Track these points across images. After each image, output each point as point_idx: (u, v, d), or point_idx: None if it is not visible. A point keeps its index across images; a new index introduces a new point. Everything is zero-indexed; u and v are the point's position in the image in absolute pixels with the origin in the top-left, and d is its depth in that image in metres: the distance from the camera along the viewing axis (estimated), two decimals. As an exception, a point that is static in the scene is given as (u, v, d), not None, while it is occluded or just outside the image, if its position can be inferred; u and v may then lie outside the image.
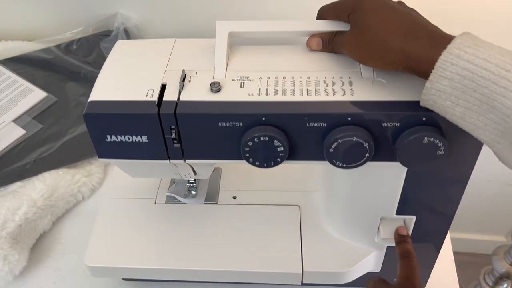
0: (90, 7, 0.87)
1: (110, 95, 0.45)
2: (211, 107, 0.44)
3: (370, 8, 0.43)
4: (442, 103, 0.39)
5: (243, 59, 0.49)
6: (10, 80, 0.85)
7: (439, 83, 0.38)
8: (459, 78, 0.37)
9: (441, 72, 0.37)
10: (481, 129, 0.38)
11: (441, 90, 0.38)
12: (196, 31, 0.86)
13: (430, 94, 0.39)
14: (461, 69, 0.37)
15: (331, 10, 0.48)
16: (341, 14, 0.46)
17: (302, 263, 0.58)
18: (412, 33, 0.41)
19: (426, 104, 0.40)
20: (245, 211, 0.63)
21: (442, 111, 0.40)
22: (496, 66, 0.36)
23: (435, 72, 0.38)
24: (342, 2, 0.47)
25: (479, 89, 0.37)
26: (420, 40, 0.40)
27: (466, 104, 0.38)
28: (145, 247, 0.60)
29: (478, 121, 0.38)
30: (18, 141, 0.76)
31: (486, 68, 0.36)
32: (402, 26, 0.41)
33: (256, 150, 0.44)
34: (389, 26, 0.42)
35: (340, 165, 0.45)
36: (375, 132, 0.44)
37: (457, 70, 0.37)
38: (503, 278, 0.97)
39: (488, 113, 0.37)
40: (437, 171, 0.48)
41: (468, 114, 0.38)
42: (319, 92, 0.45)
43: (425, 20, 0.43)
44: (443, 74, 0.37)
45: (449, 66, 0.37)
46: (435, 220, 0.55)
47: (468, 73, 0.37)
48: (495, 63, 0.36)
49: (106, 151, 0.47)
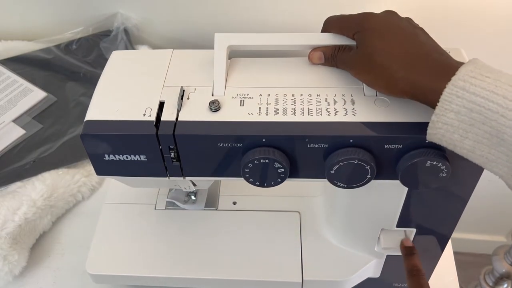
0: (90, 7, 0.86)
1: (107, 114, 0.44)
2: (210, 128, 0.43)
3: (376, 30, 0.42)
4: (450, 137, 0.38)
5: (242, 73, 0.48)
6: (10, 80, 0.84)
7: (445, 116, 0.37)
8: (466, 111, 0.36)
9: (447, 105, 0.36)
10: (493, 162, 0.37)
11: (448, 123, 0.37)
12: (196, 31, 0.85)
13: (437, 127, 0.38)
14: (467, 102, 0.36)
15: (336, 24, 0.47)
16: (346, 31, 0.45)
17: (302, 272, 0.58)
18: (418, 60, 0.40)
19: (433, 138, 0.39)
20: (245, 217, 0.63)
21: (450, 145, 0.38)
22: (503, 98, 0.34)
23: (440, 105, 0.37)
24: (348, 18, 0.45)
25: (487, 122, 0.35)
26: (426, 69, 0.39)
27: (475, 137, 0.37)
28: (146, 254, 0.60)
29: (490, 154, 0.37)
30: (18, 141, 0.76)
31: (493, 100, 0.35)
32: (408, 52, 0.40)
33: (256, 171, 0.44)
34: (396, 51, 0.41)
35: (342, 186, 0.45)
36: (377, 153, 0.43)
37: (463, 103, 0.36)
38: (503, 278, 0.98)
39: (499, 146, 0.36)
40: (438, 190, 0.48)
41: (479, 147, 0.37)
42: (320, 111, 0.44)
43: (431, 43, 0.42)
44: (448, 107, 0.36)
45: (454, 99, 0.36)
46: (435, 233, 0.54)
47: (475, 106, 0.35)
48: (503, 94, 0.35)
49: (104, 169, 0.47)
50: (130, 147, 0.44)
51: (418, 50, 0.40)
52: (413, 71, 0.39)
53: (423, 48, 0.41)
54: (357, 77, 0.44)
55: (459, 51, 0.47)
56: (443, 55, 0.40)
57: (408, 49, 0.41)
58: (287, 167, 0.43)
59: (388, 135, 0.42)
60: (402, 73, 0.40)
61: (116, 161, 0.45)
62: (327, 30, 0.47)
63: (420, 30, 0.44)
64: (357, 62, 0.44)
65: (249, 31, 0.82)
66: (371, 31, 0.42)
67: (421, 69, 0.39)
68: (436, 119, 0.37)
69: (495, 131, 0.35)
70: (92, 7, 0.86)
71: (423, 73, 0.39)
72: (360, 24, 0.44)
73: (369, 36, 0.42)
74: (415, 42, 0.41)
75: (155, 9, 0.84)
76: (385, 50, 0.41)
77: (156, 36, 0.89)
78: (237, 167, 0.45)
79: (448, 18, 0.77)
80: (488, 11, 0.75)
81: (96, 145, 0.44)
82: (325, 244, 0.61)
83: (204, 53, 0.50)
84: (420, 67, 0.39)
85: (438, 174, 0.43)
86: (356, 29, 0.44)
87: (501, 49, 0.81)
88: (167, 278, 0.59)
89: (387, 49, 0.41)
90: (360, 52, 0.43)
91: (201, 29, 0.84)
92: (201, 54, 0.50)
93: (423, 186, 0.44)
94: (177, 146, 0.44)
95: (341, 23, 0.46)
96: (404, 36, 0.41)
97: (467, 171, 0.45)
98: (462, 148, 0.38)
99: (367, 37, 0.42)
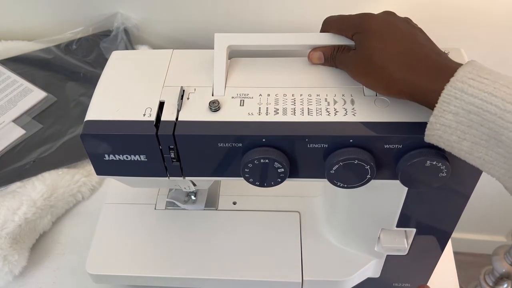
0: (90, 7, 0.86)
1: (107, 114, 0.44)
2: (210, 128, 0.43)
3: (375, 31, 0.42)
4: (448, 138, 0.38)
5: (242, 73, 0.48)
6: (10, 80, 0.84)
7: (443, 117, 0.37)
8: (464, 112, 0.36)
9: (445, 106, 0.36)
10: (490, 164, 0.37)
11: (446, 124, 0.37)
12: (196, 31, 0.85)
13: (435, 129, 0.38)
14: (465, 104, 0.36)
15: (335, 24, 0.47)
16: (345, 31, 0.45)
17: (302, 272, 0.58)
18: (417, 61, 0.40)
19: (431, 139, 0.39)
20: (245, 217, 0.63)
21: (448, 146, 0.38)
22: (502, 100, 0.35)
23: (439, 106, 0.37)
24: (347, 19, 0.45)
25: (485, 123, 0.36)
26: (424, 70, 0.39)
27: (473, 138, 0.37)
28: (146, 254, 0.60)
29: (487, 155, 0.37)
30: (18, 141, 0.76)
31: (491, 102, 0.35)
32: (407, 53, 0.40)
33: (256, 171, 0.44)
34: (394, 53, 0.41)
35: (341, 185, 0.45)
36: (376, 153, 0.43)
37: (462, 105, 0.36)
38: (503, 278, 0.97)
39: (496, 148, 0.36)
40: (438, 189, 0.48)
41: (476, 149, 0.37)
42: (320, 111, 0.44)
43: (429, 44, 0.42)
44: (447, 108, 0.36)
45: (453, 100, 0.36)
46: (435, 233, 0.54)
47: (474, 108, 0.36)
48: (501, 97, 0.35)
49: (104, 169, 0.47)
50: (130, 147, 0.44)
51: (416, 51, 0.41)
52: (412, 72, 0.39)
53: (421, 49, 0.41)
54: (356, 79, 0.44)
55: (459, 51, 0.47)
56: (441, 56, 0.40)
57: (407, 50, 0.41)
58: (287, 167, 0.43)
59: (388, 135, 0.42)
60: (400, 74, 0.40)
61: (116, 161, 0.45)
62: (326, 30, 0.47)
63: (418, 30, 0.44)
64: (356, 63, 0.44)
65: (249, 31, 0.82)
66: (370, 33, 0.42)
67: (420, 71, 0.39)
68: (434, 120, 0.38)
69: (493, 132, 0.36)
70: (92, 7, 0.86)
71: (421, 74, 0.39)
72: (359, 25, 0.44)
73: (368, 37, 0.42)
74: (413, 43, 0.41)
75: (155, 9, 0.84)
76: (384, 51, 0.41)
77: (156, 36, 0.89)
78: (237, 167, 0.45)
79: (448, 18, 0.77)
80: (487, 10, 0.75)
81: (96, 145, 0.44)
82: (325, 244, 0.61)
83: (204, 53, 0.50)
84: (418, 68, 0.39)
85: (438, 174, 0.43)
86: (355, 30, 0.44)
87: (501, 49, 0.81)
88: (167, 278, 0.59)
89: (386, 50, 0.41)
90: (359, 53, 0.43)
91: (201, 29, 0.84)
92: (201, 54, 0.50)
93: (423, 186, 0.44)
94: (177, 146, 0.44)
95: (340, 23, 0.46)
96: (403, 37, 0.42)
97: (467, 171, 0.45)
98: (459, 150, 0.38)
99: (366, 38, 0.42)
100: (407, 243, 0.55)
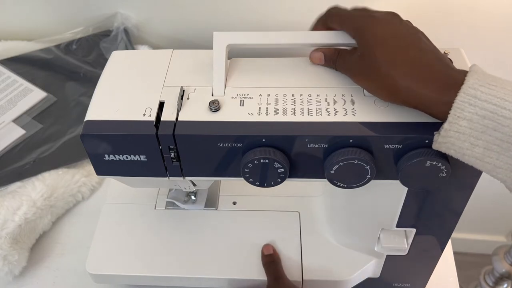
0: (90, 7, 0.86)
1: (107, 114, 0.44)
2: (210, 128, 0.43)
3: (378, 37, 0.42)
4: (460, 145, 0.38)
5: (242, 73, 0.48)
6: (10, 80, 0.84)
7: (457, 124, 0.37)
8: (478, 118, 0.37)
9: (459, 113, 0.37)
10: (500, 168, 0.38)
11: (460, 131, 0.38)
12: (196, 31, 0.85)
13: (448, 136, 0.38)
14: (479, 109, 0.36)
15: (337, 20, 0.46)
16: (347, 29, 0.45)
17: (302, 272, 0.58)
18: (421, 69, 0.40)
19: (441, 147, 0.39)
20: (245, 217, 0.63)
21: (459, 153, 0.39)
22: None
23: (453, 113, 0.37)
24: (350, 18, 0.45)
25: (499, 128, 0.36)
26: (429, 79, 0.39)
27: (485, 144, 0.37)
28: (146, 254, 0.60)
29: (498, 160, 0.38)
30: (18, 141, 0.76)
31: (505, 107, 0.36)
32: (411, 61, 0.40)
33: (256, 171, 0.44)
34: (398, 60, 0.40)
35: (341, 185, 0.45)
36: (376, 153, 0.43)
37: (476, 111, 0.37)
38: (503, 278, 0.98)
39: (508, 151, 0.37)
40: (438, 190, 0.48)
41: (488, 154, 0.38)
42: (320, 111, 0.44)
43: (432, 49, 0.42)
44: (461, 115, 0.37)
45: (467, 106, 0.37)
46: (435, 233, 0.54)
47: (488, 113, 0.36)
48: None
49: (104, 168, 0.47)
50: (130, 147, 0.44)
51: (420, 58, 0.40)
52: (416, 80, 0.39)
53: (426, 56, 0.41)
54: (359, 84, 0.44)
55: (459, 51, 0.47)
56: (443, 61, 0.40)
57: (411, 58, 0.40)
58: (287, 167, 0.43)
59: (388, 135, 0.42)
60: (405, 83, 0.40)
61: (116, 161, 0.45)
62: (327, 21, 0.47)
63: (421, 34, 0.43)
64: (359, 69, 0.43)
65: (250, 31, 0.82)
66: (373, 38, 0.42)
67: (424, 79, 0.39)
68: (448, 127, 0.38)
69: (506, 136, 0.36)
70: (92, 7, 0.86)
71: (426, 82, 0.39)
72: (361, 28, 0.43)
73: (371, 43, 0.42)
74: (418, 51, 0.41)
75: (155, 9, 0.84)
76: (387, 59, 0.40)
77: (156, 36, 0.89)
78: (237, 167, 0.45)
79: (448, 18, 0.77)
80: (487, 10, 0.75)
81: (96, 145, 0.44)
82: (325, 244, 0.61)
83: (204, 53, 0.50)
84: (423, 76, 0.39)
85: (438, 174, 0.43)
86: (357, 32, 0.43)
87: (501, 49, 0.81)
88: (167, 277, 0.59)
89: (389, 57, 0.41)
90: (362, 60, 0.43)
91: (201, 29, 0.84)
92: (201, 54, 0.50)
93: (423, 186, 0.44)
94: (177, 146, 0.44)
95: (342, 21, 0.45)
96: (406, 43, 0.41)
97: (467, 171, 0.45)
98: (471, 157, 0.38)
99: (369, 44, 0.42)
100: (407, 243, 0.55)
